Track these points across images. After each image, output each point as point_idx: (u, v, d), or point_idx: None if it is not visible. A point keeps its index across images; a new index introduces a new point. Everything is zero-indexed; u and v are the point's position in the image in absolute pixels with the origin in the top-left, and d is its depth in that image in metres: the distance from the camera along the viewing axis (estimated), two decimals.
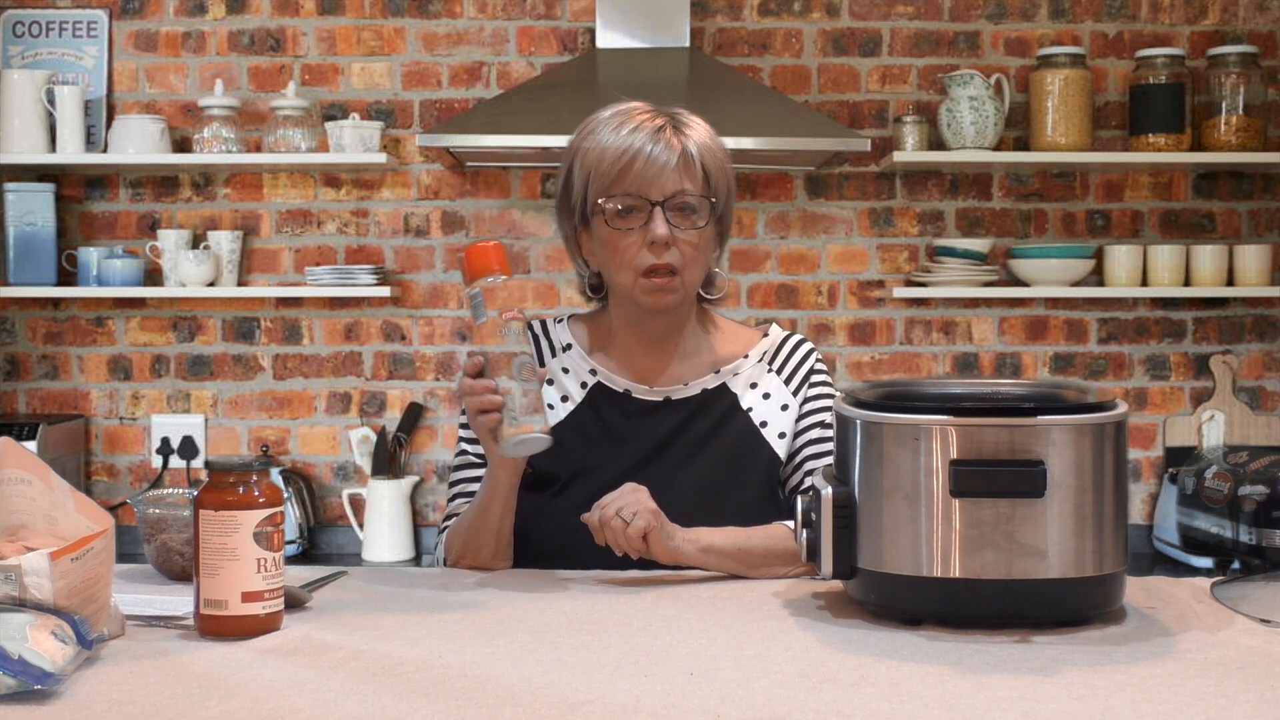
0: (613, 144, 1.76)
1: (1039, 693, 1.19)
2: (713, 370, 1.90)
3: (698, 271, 1.82)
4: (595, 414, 1.87)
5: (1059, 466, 1.38)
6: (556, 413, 1.87)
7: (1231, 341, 3.72)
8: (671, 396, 1.87)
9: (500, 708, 1.15)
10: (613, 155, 1.75)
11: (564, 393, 1.89)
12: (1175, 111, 3.52)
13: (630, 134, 1.76)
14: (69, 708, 1.14)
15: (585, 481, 1.81)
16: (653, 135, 1.76)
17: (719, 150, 1.82)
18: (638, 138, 1.75)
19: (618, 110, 1.81)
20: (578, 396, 1.88)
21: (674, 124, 1.79)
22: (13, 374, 3.69)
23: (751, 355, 1.92)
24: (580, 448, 1.84)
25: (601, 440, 1.85)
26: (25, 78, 3.51)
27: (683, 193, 1.76)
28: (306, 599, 1.51)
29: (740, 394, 1.89)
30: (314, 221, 3.70)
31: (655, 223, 1.75)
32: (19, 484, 1.32)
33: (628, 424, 1.85)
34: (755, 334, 1.96)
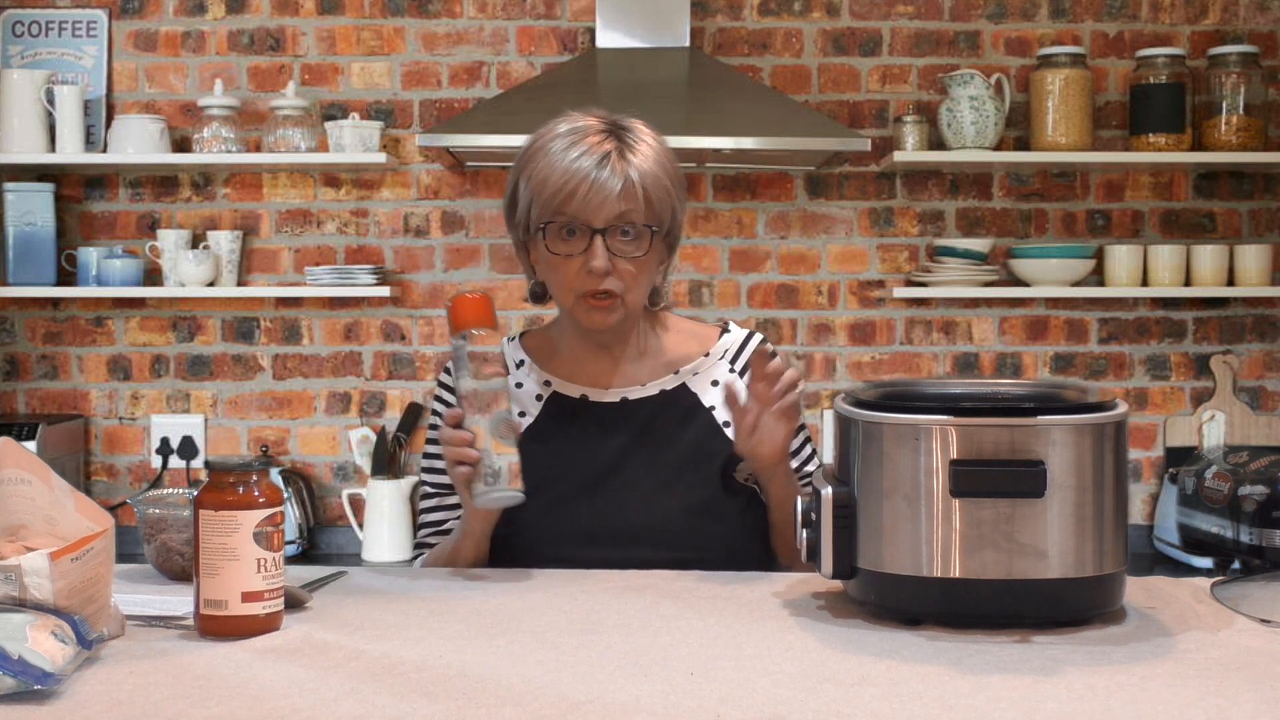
0: (559, 167, 1.75)
1: (1039, 693, 1.19)
2: (670, 371, 1.90)
3: (640, 292, 1.82)
4: (554, 422, 1.88)
5: (1059, 466, 1.37)
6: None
7: (1232, 341, 3.72)
8: (629, 397, 1.88)
9: (500, 708, 1.15)
10: (558, 180, 1.74)
11: (521, 408, 1.89)
12: (1176, 111, 3.52)
13: (577, 159, 1.74)
14: (69, 708, 1.14)
15: (552, 487, 1.81)
16: (599, 161, 1.74)
17: (666, 171, 1.80)
18: (584, 163, 1.74)
19: (572, 127, 1.79)
20: (535, 409, 1.89)
21: (622, 146, 1.77)
22: (12, 374, 3.69)
23: (713, 354, 1.92)
24: (543, 456, 1.83)
25: (564, 447, 1.85)
26: (25, 77, 3.51)
27: (624, 217, 1.75)
28: (306, 599, 1.51)
29: (701, 393, 1.89)
30: (314, 221, 3.70)
31: (595, 252, 1.75)
32: (19, 484, 1.32)
33: (588, 428, 1.86)
34: (713, 331, 1.96)
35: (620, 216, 1.75)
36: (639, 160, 1.77)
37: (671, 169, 1.82)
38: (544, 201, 1.76)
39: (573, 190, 1.74)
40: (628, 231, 1.76)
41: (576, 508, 1.82)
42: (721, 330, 1.96)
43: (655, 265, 1.83)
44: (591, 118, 1.81)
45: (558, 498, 1.82)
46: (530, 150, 1.81)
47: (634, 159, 1.76)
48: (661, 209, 1.78)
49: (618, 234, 1.76)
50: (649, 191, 1.76)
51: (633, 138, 1.79)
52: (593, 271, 1.75)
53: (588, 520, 1.81)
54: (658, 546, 1.78)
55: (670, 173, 1.81)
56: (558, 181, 1.74)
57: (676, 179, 1.82)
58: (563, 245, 1.77)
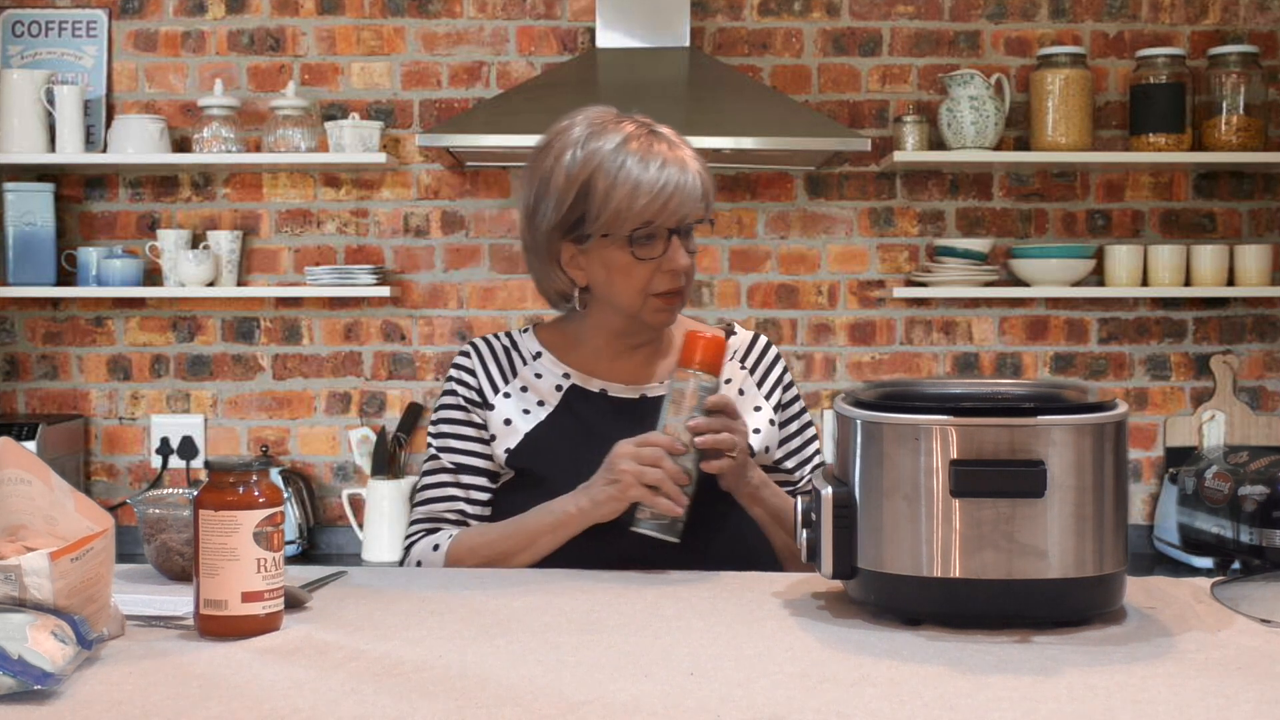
0: (647, 179, 1.78)
1: (1039, 693, 1.19)
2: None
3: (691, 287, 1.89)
4: (573, 415, 1.89)
5: (1059, 466, 1.37)
6: (533, 416, 1.89)
7: (1232, 341, 3.72)
8: (647, 394, 1.91)
9: (500, 708, 1.15)
10: (648, 190, 1.78)
11: (540, 398, 1.91)
12: (1176, 111, 3.52)
13: (660, 169, 1.79)
14: (69, 708, 1.14)
15: (570, 480, 1.82)
16: (681, 169, 1.80)
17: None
18: (670, 174, 1.79)
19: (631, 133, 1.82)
20: (553, 401, 1.90)
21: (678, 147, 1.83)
22: (12, 374, 3.69)
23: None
24: (562, 448, 1.86)
25: (582, 440, 1.86)
26: (25, 77, 3.51)
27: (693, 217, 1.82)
28: (306, 599, 1.51)
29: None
30: (314, 221, 3.70)
31: (675, 253, 1.81)
32: (19, 484, 1.32)
33: (606, 422, 1.87)
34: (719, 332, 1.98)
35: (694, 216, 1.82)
36: (695, 160, 1.84)
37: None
38: (636, 211, 1.78)
39: (667, 199, 1.78)
40: (691, 228, 1.83)
41: None
42: (728, 331, 2.00)
43: None
44: (630, 122, 1.84)
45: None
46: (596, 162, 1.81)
47: (692, 161, 1.83)
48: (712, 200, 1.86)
49: (686, 233, 1.83)
50: (707, 186, 1.84)
51: (675, 136, 1.86)
52: (674, 271, 1.81)
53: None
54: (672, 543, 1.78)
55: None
56: (649, 192, 1.78)
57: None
58: (644, 249, 1.80)
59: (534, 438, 1.87)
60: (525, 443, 1.87)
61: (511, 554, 1.81)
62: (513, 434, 1.88)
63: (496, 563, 1.81)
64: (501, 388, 1.92)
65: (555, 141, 1.85)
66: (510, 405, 1.90)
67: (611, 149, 1.80)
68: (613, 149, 1.80)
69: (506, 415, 1.90)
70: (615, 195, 1.79)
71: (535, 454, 1.87)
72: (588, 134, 1.83)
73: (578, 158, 1.82)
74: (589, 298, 1.88)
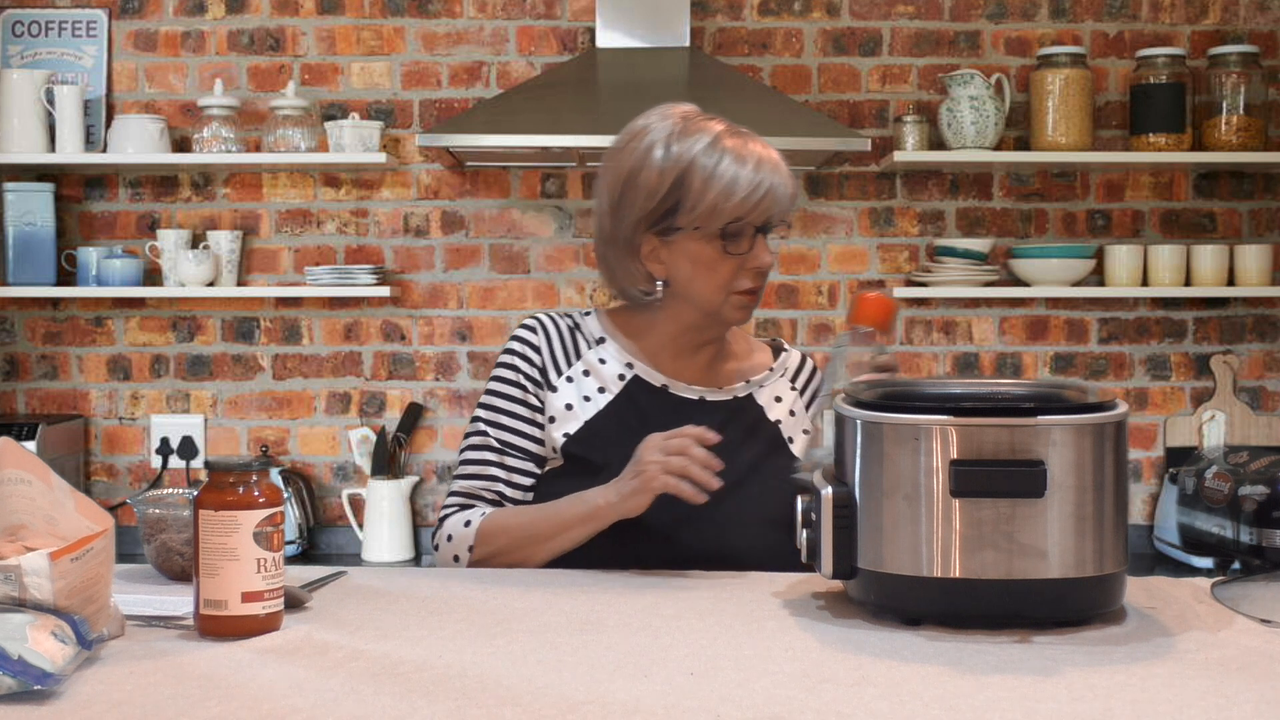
0: (744, 176, 1.80)
1: (1039, 693, 1.19)
2: (742, 380, 1.95)
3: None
4: (633, 405, 1.89)
5: (1059, 466, 1.37)
6: (594, 403, 1.88)
7: (1232, 341, 3.72)
8: (706, 397, 1.92)
9: (500, 708, 1.15)
10: (746, 187, 1.80)
11: (601, 384, 1.90)
12: (1176, 111, 3.52)
13: (756, 169, 1.81)
14: (69, 708, 1.14)
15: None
16: (774, 170, 1.82)
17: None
18: (765, 174, 1.81)
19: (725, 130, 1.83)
20: (615, 388, 1.90)
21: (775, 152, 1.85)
22: (12, 374, 3.69)
23: (775, 369, 1.98)
24: (621, 438, 1.83)
25: (641, 432, 1.85)
26: (25, 77, 3.51)
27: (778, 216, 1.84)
28: (306, 599, 1.51)
29: (766, 406, 1.94)
30: (313, 221, 3.70)
31: (761, 251, 1.83)
32: (19, 484, 1.32)
33: (665, 418, 1.86)
34: (767, 347, 2.04)
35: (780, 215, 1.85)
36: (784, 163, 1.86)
37: None
38: (731, 207, 1.80)
39: (761, 198, 1.80)
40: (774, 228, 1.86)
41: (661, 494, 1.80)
42: (778, 348, 2.03)
43: None
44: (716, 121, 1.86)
45: None
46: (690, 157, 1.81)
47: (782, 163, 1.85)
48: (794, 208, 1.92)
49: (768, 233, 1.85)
50: (796, 193, 1.88)
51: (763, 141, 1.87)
52: (758, 269, 1.84)
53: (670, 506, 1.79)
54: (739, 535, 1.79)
55: None
56: (746, 188, 1.80)
57: None
58: (733, 245, 1.82)
59: (594, 426, 1.87)
60: (585, 430, 1.86)
61: (542, 539, 1.79)
62: (573, 420, 1.87)
63: (525, 546, 1.79)
64: (564, 370, 1.91)
65: (640, 137, 1.85)
66: (572, 390, 1.89)
67: (707, 144, 1.82)
68: (708, 144, 1.82)
69: (568, 400, 1.89)
70: (712, 189, 1.80)
71: (593, 443, 1.85)
72: (678, 130, 1.83)
73: (672, 152, 1.82)
74: (666, 292, 1.88)
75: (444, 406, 3.70)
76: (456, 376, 3.70)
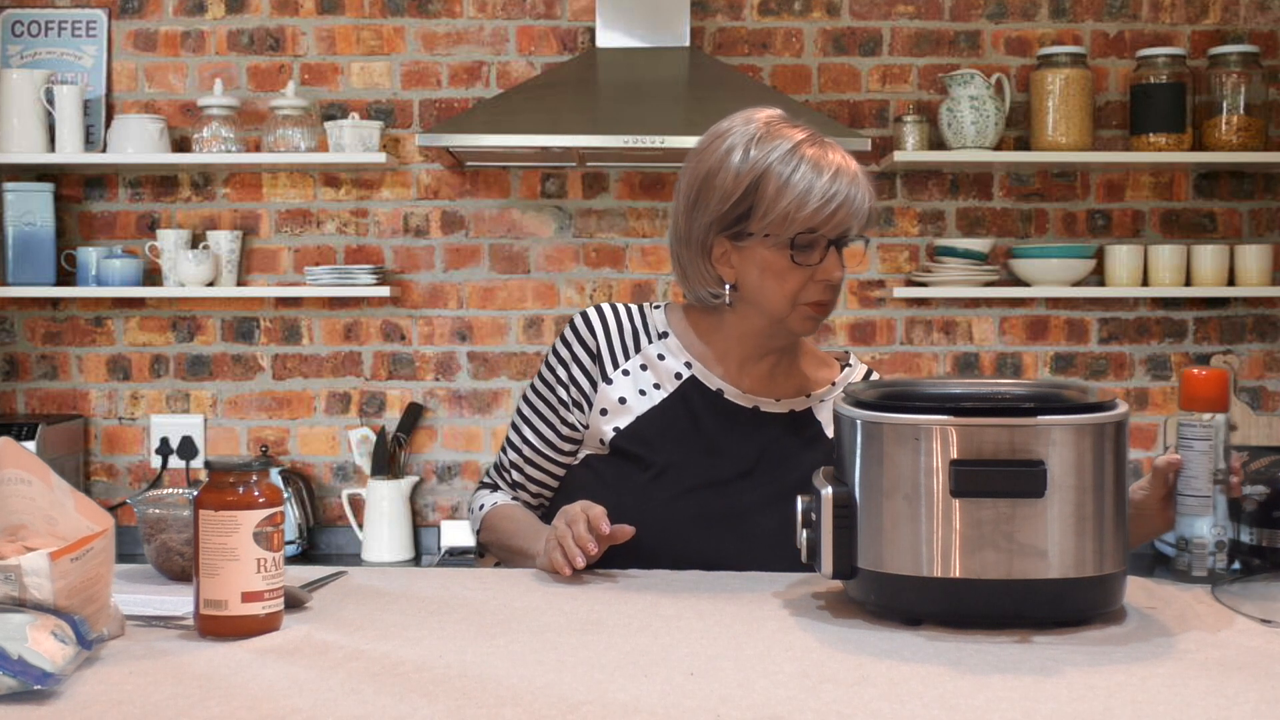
0: (819, 186, 1.77)
1: (1039, 693, 1.19)
2: (803, 393, 1.92)
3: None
4: (686, 407, 1.87)
5: (1059, 466, 1.37)
6: (649, 398, 1.88)
7: (1232, 341, 3.72)
8: (761, 408, 1.89)
9: (500, 708, 1.15)
10: (819, 197, 1.76)
11: (657, 380, 1.89)
12: (1176, 111, 3.52)
13: (833, 180, 1.77)
14: (69, 708, 1.14)
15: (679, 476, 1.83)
16: (852, 182, 1.79)
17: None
18: (841, 185, 1.77)
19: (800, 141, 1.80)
20: (670, 386, 1.89)
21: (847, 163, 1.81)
22: (12, 374, 3.69)
23: (838, 384, 1.94)
24: (672, 438, 1.85)
25: (691, 435, 1.85)
26: (24, 77, 3.51)
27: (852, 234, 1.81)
28: (306, 599, 1.51)
29: (825, 422, 1.90)
30: (313, 221, 3.70)
31: (832, 264, 1.79)
32: (19, 484, 1.32)
33: (717, 423, 1.86)
34: (835, 361, 2.00)
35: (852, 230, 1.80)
36: (864, 176, 1.82)
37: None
38: (804, 217, 1.77)
39: (835, 210, 1.77)
40: (849, 243, 1.81)
41: (705, 498, 1.82)
42: (844, 363, 1.99)
43: None
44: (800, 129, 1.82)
45: (688, 485, 1.83)
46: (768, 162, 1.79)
47: (862, 177, 1.81)
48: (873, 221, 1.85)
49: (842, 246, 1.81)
50: (874, 210, 1.83)
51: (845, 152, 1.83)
52: (830, 282, 1.80)
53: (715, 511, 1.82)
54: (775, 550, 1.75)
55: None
56: (820, 199, 1.76)
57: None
58: (803, 255, 1.79)
59: (645, 422, 1.86)
60: (635, 426, 1.86)
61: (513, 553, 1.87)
62: (625, 414, 1.87)
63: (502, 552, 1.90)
64: (622, 363, 1.90)
65: (723, 139, 1.83)
66: (628, 383, 1.88)
67: (785, 151, 1.79)
68: (786, 151, 1.79)
69: (622, 394, 1.88)
70: (785, 197, 1.77)
71: (642, 440, 1.85)
72: (759, 135, 1.81)
73: (750, 156, 1.80)
74: (735, 296, 1.86)
75: (444, 406, 3.70)
76: (456, 376, 3.70)
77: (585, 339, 1.91)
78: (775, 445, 1.87)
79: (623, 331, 1.92)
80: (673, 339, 1.92)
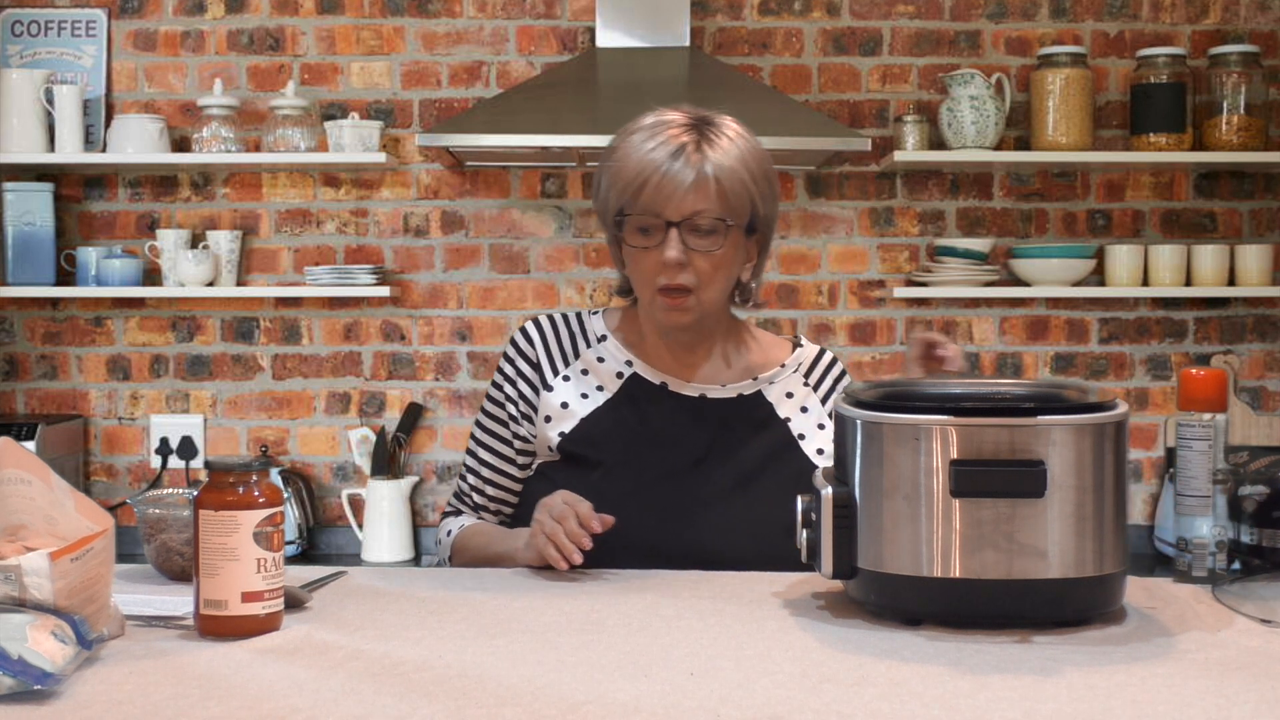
0: (634, 158, 1.76)
1: (1039, 693, 1.19)
2: (749, 377, 1.91)
3: (717, 289, 1.81)
4: (632, 404, 1.87)
5: (1059, 466, 1.37)
6: (592, 400, 1.88)
7: (1233, 341, 3.72)
8: (707, 395, 1.88)
9: (500, 708, 1.15)
10: (632, 171, 1.75)
11: (599, 382, 1.89)
12: (1176, 111, 3.52)
13: (653, 150, 1.74)
14: (69, 708, 1.14)
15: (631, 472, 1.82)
16: (673, 153, 1.74)
17: (747, 165, 1.78)
18: (658, 154, 1.74)
19: (656, 120, 1.80)
20: (613, 387, 1.89)
21: (701, 140, 1.76)
22: (11, 374, 3.69)
23: (788, 365, 1.94)
24: (620, 436, 1.85)
25: (640, 430, 1.85)
26: (24, 77, 3.51)
27: (699, 214, 1.75)
28: (306, 599, 1.51)
29: (776, 403, 1.90)
30: (313, 221, 3.70)
31: (668, 245, 1.75)
32: (19, 484, 1.32)
33: (664, 418, 1.86)
34: (786, 344, 1.98)
35: (694, 210, 1.75)
36: (716, 154, 1.76)
37: (754, 163, 1.80)
38: (619, 191, 1.77)
39: (645, 181, 1.74)
40: (703, 226, 1.76)
41: (660, 491, 1.82)
42: (794, 344, 1.98)
43: (736, 262, 1.82)
44: (678, 112, 1.81)
45: (642, 480, 1.82)
46: (612, 144, 1.82)
47: (711, 153, 1.76)
48: (737, 203, 1.77)
49: (693, 228, 1.76)
50: (723, 185, 1.75)
51: (715, 132, 1.79)
52: (666, 263, 1.75)
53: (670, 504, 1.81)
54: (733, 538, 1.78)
55: (752, 167, 1.79)
56: (632, 172, 1.75)
57: (760, 174, 1.81)
58: (640, 238, 1.77)
59: (590, 423, 1.86)
60: (580, 428, 1.86)
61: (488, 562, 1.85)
62: (568, 418, 1.87)
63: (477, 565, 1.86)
64: (561, 370, 1.90)
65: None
66: (569, 389, 1.88)
67: (631, 133, 1.79)
68: (632, 133, 1.79)
69: (564, 399, 1.88)
70: (610, 175, 1.79)
71: (589, 441, 1.85)
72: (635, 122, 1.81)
73: (611, 144, 1.81)
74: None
75: (444, 406, 3.70)
76: (456, 376, 3.70)
77: (525, 352, 1.92)
78: (726, 431, 1.86)
79: (560, 339, 1.92)
80: (611, 341, 1.92)
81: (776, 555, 1.70)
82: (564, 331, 1.93)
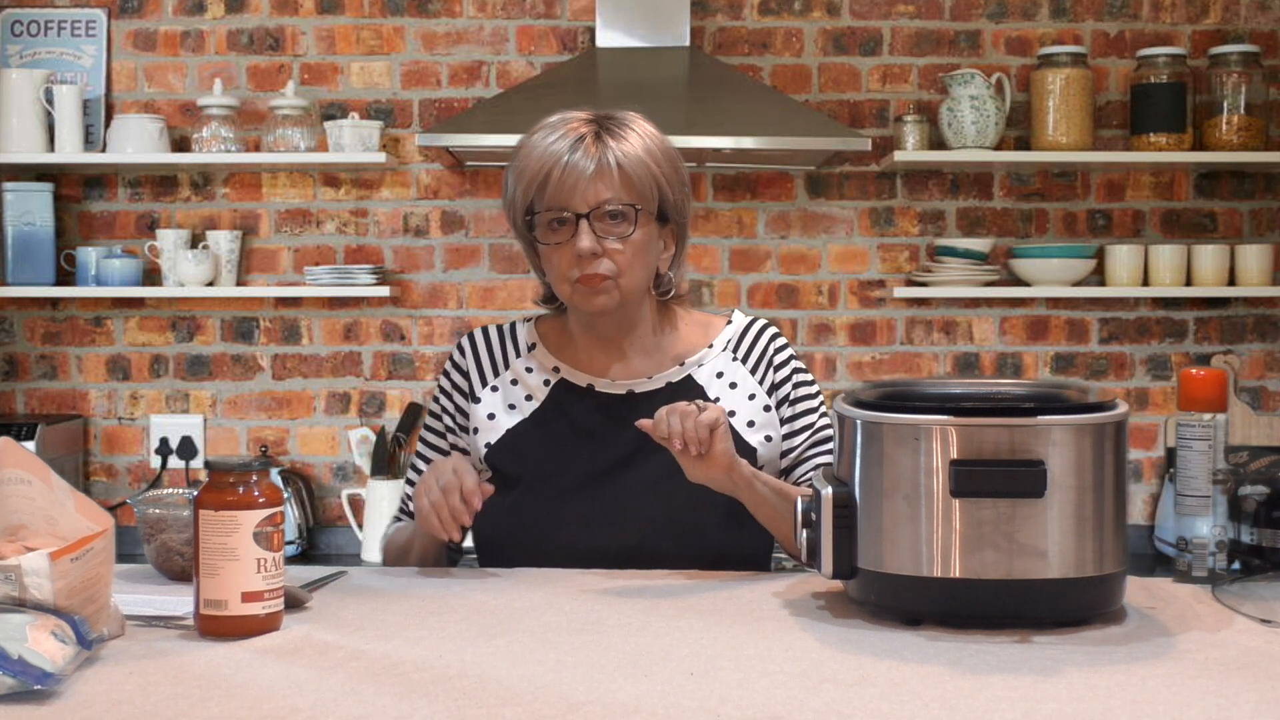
0: (536, 154, 1.77)
1: (1039, 693, 1.19)
2: (676, 363, 1.89)
3: (637, 275, 1.80)
4: (560, 411, 1.87)
5: (1059, 466, 1.37)
6: (518, 412, 1.87)
7: (1233, 341, 3.72)
8: (635, 390, 1.87)
9: (500, 708, 1.15)
10: (535, 166, 1.76)
11: (528, 392, 1.89)
12: (1177, 111, 3.52)
13: (553, 144, 1.76)
14: (69, 708, 1.14)
15: (559, 475, 1.82)
16: (572, 145, 1.75)
17: (650, 152, 1.79)
18: (558, 147, 1.75)
19: (558, 118, 1.81)
20: (541, 395, 1.88)
21: (601, 131, 1.78)
22: (11, 374, 3.69)
23: (715, 345, 1.91)
24: (545, 445, 1.84)
25: (567, 436, 1.85)
26: (24, 77, 3.51)
27: (606, 201, 1.75)
28: (306, 599, 1.51)
29: (706, 384, 1.87)
30: (313, 221, 3.70)
31: (580, 236, 1.75)
32: (19, 484, 1.32)
33: (593, 419, 1.85)
34: (719, 322, 1.94)
35: (601, 199, 1.75)
36: (618, 143, 1.77)
37: (658, 151, 1.80)
38: (524, 189, 1.78)
39: (547, 174, 1.75)
40: (613, 214, 1.76)
41: (583, 495, 1.81)
42: (727, 320, 1.94)
43: (651, 248, 1.82)
44: (581, 111, 1.82)
45: (565, 486, 1.81)
46: (517, 145, 1.82)
47: (612, 142, 1.77)
48: (644, 187, 1.77)
49: (604, 217, 1.76)
50: (626, 170, 1.76)
51: (617, 124, 1.80)
52: (580, 254, 1.75)
53: (594, 507, 1.80)
54: (662, 536, 1.77)
55: (655, 154, 1.80)
56: (535, 168, 1.76)
57: (665, 161, 1.81)
58: (552, 235, 1.77)
59: (515, 435, 1.85)
60: (505, 440, 1.86)
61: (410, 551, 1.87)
62: (493, 430, 1.87)
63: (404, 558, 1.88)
64: (490, 380, 1.90)
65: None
66: (496, 399, 1.88)
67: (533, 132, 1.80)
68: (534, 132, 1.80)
69: (491, 410, 1.88)
70: (514, 173, 1.79)
71: (512, 453, 1.84)
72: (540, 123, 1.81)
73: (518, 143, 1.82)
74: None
75: None
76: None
77: (459, 364, 1.93)
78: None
79: (491, 350, 1.92)
80: (539, 349, 1.92)
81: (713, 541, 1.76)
82: (495, 342, 1.93)
